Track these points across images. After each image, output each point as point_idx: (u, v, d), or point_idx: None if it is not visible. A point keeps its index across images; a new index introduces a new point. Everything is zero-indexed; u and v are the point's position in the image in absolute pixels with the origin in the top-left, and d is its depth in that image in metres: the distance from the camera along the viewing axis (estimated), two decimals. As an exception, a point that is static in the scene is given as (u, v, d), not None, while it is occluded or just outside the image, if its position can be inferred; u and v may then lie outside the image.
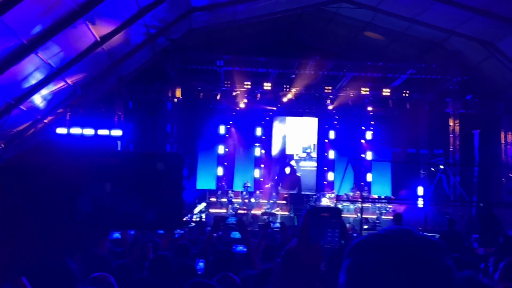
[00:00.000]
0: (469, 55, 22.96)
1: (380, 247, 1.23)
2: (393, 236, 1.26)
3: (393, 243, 1.23)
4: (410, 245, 1.22)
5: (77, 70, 19.35)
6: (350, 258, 1.25)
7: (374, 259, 1.21)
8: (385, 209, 24.61)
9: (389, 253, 1.21)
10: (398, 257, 1.20)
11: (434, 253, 1.23)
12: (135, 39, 20.56)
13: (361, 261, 1.22)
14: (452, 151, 24.27)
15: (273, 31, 25.90)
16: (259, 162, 27.70)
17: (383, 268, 1.19)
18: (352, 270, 1.23)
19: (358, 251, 1.25)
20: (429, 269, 1.19)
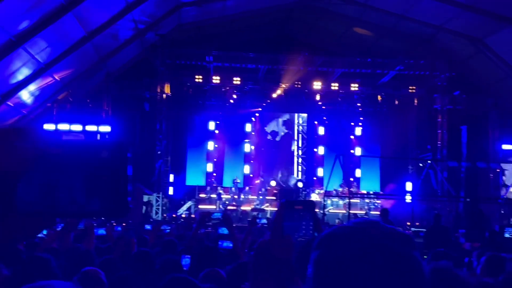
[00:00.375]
0: (457, 51, 23.06)
1: (347, 240, 1.23)
2: (360, 228, 1.25)
3: (359, 235, 1.23)
4: (376, 237, 1.22)
5: (65, 65, 19.25)
6: (318, 250, 1.25)
7: (340, 252, 1.21)
8: (374, 204, 24.73)
9: (356, 245, 1.20)
10: (364, 249, 1.19)
11: (401, 245, 1.22)
12: (123, 34, 20.46)
13: (328, 254, 1.22)
14: (440, 146, 24.40)
15: (263, 27, 25.87)
16: (249, 158, 27.70)
17: (349, 260, 1.18)
18: (319, 262, 1.23)
19: (325, 244, 1.25)
20: (396, 261, 1.19)
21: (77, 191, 0.78)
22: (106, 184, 0.79)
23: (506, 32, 19.15)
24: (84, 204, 0.79)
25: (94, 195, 0.79)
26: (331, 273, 1.19)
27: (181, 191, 25.77)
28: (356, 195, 24.64)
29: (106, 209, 0.80)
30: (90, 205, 0.79)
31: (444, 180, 22.30)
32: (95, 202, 0.79)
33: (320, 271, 1.22)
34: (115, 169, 0.80)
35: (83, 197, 0.78)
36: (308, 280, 1.25)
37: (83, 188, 0.78)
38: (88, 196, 0.78)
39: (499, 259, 6.06)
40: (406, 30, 22.50)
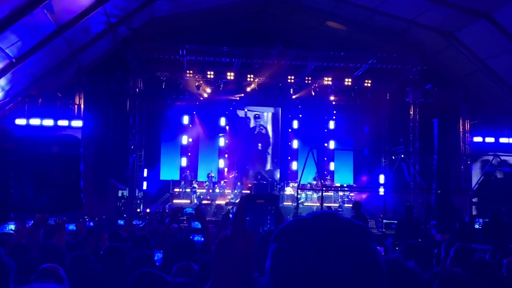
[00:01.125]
0: (429, 45, 23.29)
1: (304, 231, 1.24)
2: (317, 220, 1.26)
3: (316, 227, 1.24)
4: (333, 229, 1.23)
5: (36, 59, 18.98)
6: (275, 243, 1.26)
7: (297, 244, 1.22)
8: (347, 197, 24.93)
9: (312, 237, 1.21)
10: (320, 241, 1.20)
11: (357, 236, 1.24)
12: (95, 28, 20.23)
13: (285, 246, 1.23)
14: (412, 139, 24.67)
15: (236, 21, 25.82)
16: (223, 152, 27.68)
17: (305, 252, 1.20)
18: (276, 254, 1.24)
19: (282, 236, 1.26)
20: (352, 252, 1.20)
21: (28, 186, 0.79)
22: (58, 179, 0.80)
23: (476, 26, 19.40)
24: (34, 199, 0.79)
25: (45, 190, 0.79)
26: (288, 265, 1.20)
27: (155, 186, 25.66)
28: (329, 188, 24.80)
29: (58, 203, 0.81)
30: (41, 200, 0.79)
31: (416, 172, 22.57)
32: (46, 197, 0.79)
33: (277, 263, 1.23)
34: (67, 164, 0.81)
35: (34, 192, 0.79)
36: (266, 273, 1.26)
37: (34, 183, 0.79)
38: (39, 191, 0.79)
39: (467, 249, 6.16)
40: (378, 24, 22.64)
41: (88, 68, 23.65)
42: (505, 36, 18.61)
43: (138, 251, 5.80)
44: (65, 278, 4.08)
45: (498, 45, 19.51)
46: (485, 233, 12.46)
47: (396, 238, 12.00)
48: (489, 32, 19.05)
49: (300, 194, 23.38)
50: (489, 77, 21.80)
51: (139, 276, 3.01)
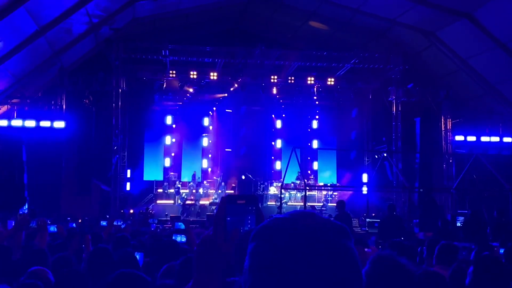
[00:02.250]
0: (410, 44, 23.46)
1: (281, 231, 1.24)
2: (294, 219, 1.27)
3: (294, 226, 1.25)
4: (311, 228, 1.24)
5: (17, 60, 18.83)
6: (253, 242, 1.27)
7: (275, 243, 1.22)
8: (331, 196, 25.02)
9: (290, 236, 1.22)
10: (298, 240, 1.21)
11: (335, 235, 1.25)
12: (77, 28, 20.11)
13: (263, 245, 1.24)
14: (395, 138, 24.83)
15: (219, 20, 25.81)
16: (207, 153, 27.65)
17: (283, 251, 1.20)
18: (254, 253, 1.25)
19: (260, 235, 1.27)
20: (329, 251, 1.21)
21: None
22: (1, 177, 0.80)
23: (457, 25, 19.58)
24: None
25: None
26: (266, 264, 1.21)
27: (138, 186, 25.55)
28: (313, 187, 24.89)
29: (3, 201, 0.81)
30: None
31: (399, 171, 22.73)
32: None
33: (255, 262, 1.24)
34: (9, 161, 0.81)
35: None
36: (245, 272, 1.28)
37: None
38: None
39: (451, 247, 6.23)
40: (361, 23, 22.76)
41: (71, 68, 23.50)
42: (486, 35, 18.80)
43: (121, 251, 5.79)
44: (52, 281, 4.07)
45: (479, 44, 19.71)
46: (465, 230, 12.59)
47: (379, 236, 12.09)
48: (470, 31, 19.24)
49: (284, 193, 23.44)
50: (470, 76, 22.01)
51: (118, 277, 3.01)
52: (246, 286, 1.25)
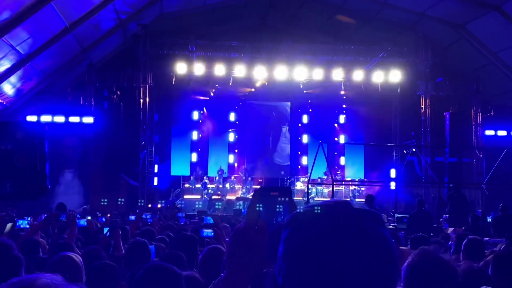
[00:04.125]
0: (439, 38, 23.15)
1: (316, 217, 1.23)
2: (328, 206, 1.26)
3: (328, 213, 1.24)
4: (346, 215, 1.23)
5: (47, 56, 19.08)
6: (287, 229, 1.26)
7: (309, 228, 1.21)
8: (358, 191, 24.85)
9: (325, 222, 1.21)
10: (333, 225, 1.20)
11: (371, 222, 1.24)
12: (105, 25, 20.29)
13: (297, 231, 1.23)
14: (424, 133, 24.54)
15: (245, 16, 25.77)
16: (233, 148, 27.69)
17: (318, 237, 1.19)
18: (289, 240, 1.23)
19: (294, 222, 1.26)
20: (366, 238, 1.19)
21: None
22: (23, 165, 0.79)
23: (487, 18, 19.26)
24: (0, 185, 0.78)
25: (9, 176, 0.78)
26: (300, 250, 1.20)
27: (166, 181, 25.73)
28: (340, 182, 24.75)
29: (22, 190, 0.79)
30: (7, 186, 0.78)
31: (428, 166, 22.46)
32: (13, 183, 0.78)
33: (289, 249, 1.22)
34: (31, 150, 0.80)
35: None
36: (278, 260, 1.26)
37: None
38: (4, 177, 0.78)
39: (478, 243, 6.15)
40: (389, 17, 22.53)
41: (99, 64, 23.74)
42: (517, 28, 18.47)
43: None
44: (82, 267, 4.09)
45: (510, 37, 19.36)
46: (495, 226, 12.38)
47: (408, 232, 11.95)
48: (500, 24, 18.92)
49: (311, 188, 23.35)
50: (500, 70, 21.65)
51: (149, 269, 3.00)
52: (280, 274, 1.23)
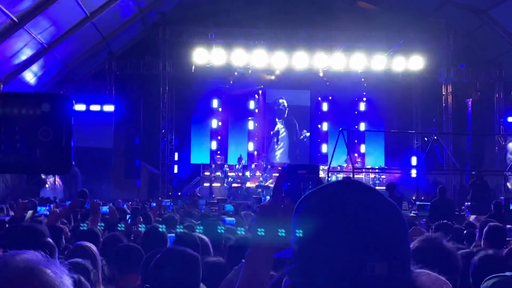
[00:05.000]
0: (461, 24, 22.85)
1: (325, 190, 1.26)
2: (341, 182, 1.28)
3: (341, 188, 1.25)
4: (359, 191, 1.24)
5: (67, 45, 19.22)
6: (302, 205, 1.27)
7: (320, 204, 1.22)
8: (379, 179, 24.71)
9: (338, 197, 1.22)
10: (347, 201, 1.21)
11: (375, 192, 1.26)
12: (125, 13, 20.36)
13: (310, 206, 1.24)
14: (445, 120, 24.31)
15: (264, 3, 25.63)
16: (253, 136, 27.66)
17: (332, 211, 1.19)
18: (302, 217, 1.24)
19: (308, 198, 1.27)
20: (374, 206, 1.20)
21: (17, 145, 0.76)
22: (48, 138, 0.77)
23: (510, 3, 18.94)
24: (24, 158, 0.77)
25: (35, 150, 0.76)
26: (313, 225, 1.20)
27: (186, 169, 25.85)
28: (360, 170, 24.62)
29: (48, 164, 0.78)
30: (31, 160, 0.77)
31: (450, 153, 22.25)
32: (36, 157, 0.77)
33: (302, 224, 1.23)
34: (57, 123, 0.78)
35: (23, 152, 0.76)
36: (293, 235, 1.26)
37: (24, 142, 0.76)
38: (28, 151, 0.76)
39: (500, 230, 6.09)
40: (410, 3, 22.29)
41: (119, 53, 23.87)
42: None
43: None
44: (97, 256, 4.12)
45: (534, 22, 19.05)
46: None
47: (430, 219, 11.87)
48: (524, 9, 18.61)
49: (331, 176, 23.23)
50: (524, 56, 21.34)
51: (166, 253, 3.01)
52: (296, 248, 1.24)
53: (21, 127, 0.77)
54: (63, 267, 1.25)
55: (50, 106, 0.79)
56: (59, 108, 0.79)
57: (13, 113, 0.78)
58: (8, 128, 0.77)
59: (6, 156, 0.77)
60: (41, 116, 0.78)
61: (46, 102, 0.79)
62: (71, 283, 1.24)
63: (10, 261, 1.18)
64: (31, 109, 0.78)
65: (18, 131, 0.77)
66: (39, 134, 0.78)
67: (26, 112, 0.78)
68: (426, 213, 13.20)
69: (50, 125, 0.78)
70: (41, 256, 1.22)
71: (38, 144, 0.77)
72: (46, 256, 1.22)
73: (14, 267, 1.17)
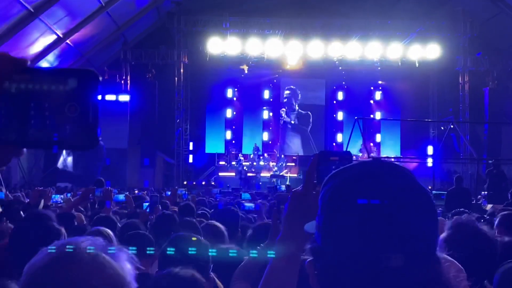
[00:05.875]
0: (478, 12, 22.61)
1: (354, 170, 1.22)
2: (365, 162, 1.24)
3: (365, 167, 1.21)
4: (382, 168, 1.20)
5: (83, 35, 19.28)
6: (328, 184, 1.23)
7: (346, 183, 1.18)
8: (395, 168, 24.56)
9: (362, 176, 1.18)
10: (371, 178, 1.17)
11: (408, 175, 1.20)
12: (139, 2, 20.38)
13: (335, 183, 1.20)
14: (462, 109, 24.11)
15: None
16: (267, 125, 27.64)
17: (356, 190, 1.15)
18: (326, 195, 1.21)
19: (334, 177, 1.23)
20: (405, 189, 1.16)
21: (45, 121, 0.76)
22: (75, 114, 0.77)
23: (529, -9, 18.71)
24: (52, 134, 0.77)
25: (63, 125, 0.76)
26: (335, 205, 1.17)
27: (201, 158, 25.92)
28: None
29: (75, 140, 0.78)
30: (58, 136, 0.77)
31: (467, 142, 22.09)
32: (64, 133, 0.77)
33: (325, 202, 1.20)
34: (84, 98, 0.78)
35: (51, 128, 0.76)
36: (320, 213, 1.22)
37: (51, 118, 0.76)
38: (56, 126, 0.76)
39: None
40: (426, -9, 22.07)
41: (134, 42, 23.93)
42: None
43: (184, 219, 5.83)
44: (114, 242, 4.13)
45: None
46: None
47: (446, 209, 11.79)
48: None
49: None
50: (542, 44, 21.06)
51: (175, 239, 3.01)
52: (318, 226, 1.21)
53: (49, 102, 0.77)
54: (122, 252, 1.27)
55: (77, 81, 0.78)
56: (86, 83, 0.79)
57: (42, 88, 0.78)
58: (38, 103, 0.77)
59: (36, 131, 0.77)
60: (68, 92, 0.78)
61: (74, 78, 0.78)
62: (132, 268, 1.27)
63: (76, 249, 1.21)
64: (59, 84, 0.78)
65: (47, 107, 0.77)
66: (66, 110, 0.77)
67: (55, 87, 0.78)
68: (442, 202, 13.10)
69: (77, 101, 0.78)
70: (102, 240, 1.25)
71: (66, 119, 0.77)
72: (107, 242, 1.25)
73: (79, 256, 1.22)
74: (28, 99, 0.76)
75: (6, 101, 0.76)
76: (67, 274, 1.18)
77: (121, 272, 1.24)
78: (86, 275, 1.19)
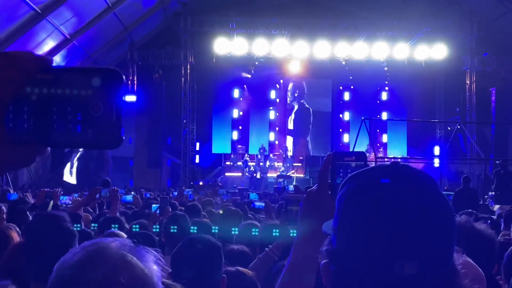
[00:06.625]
0: (485, 12, 22.54)
1: (371, 173, 1.20)
2: (385, 166, 1.22)
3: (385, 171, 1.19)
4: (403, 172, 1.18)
5: (90, 35, 19.33)
6: (345, 187, 1.22)
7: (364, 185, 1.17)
8: (401, 169, 24.51)
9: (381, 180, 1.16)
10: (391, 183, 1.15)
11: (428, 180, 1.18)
12: (146, 3, 20.41)
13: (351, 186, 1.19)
14: (469, 109, 24.04)
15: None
16: (274, 126, 27.63)
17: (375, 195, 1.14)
18: (343, 198, 1.20)
19: (352, 180, 1.22)
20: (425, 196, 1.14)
21: (69, 120, 0.77)
22: (99, 113, 0.78)
23: (536, -10, 18.64)
24: (76, 133, 0.78)
25: (86, 124, 0.77)
26: (350, 209, 1.16)
27: (207, 159, 25.94)
28: (382, 160, 24.44)
29: (99, 139, 0.79)
30: (82, 135, 0.78)
31: (474, 142, 22.01)
32: (88, 132, 0.77)
33: (342, 206, 1.19)
34: (108, 97, 0.78)
35: (75, 127, 0.77)
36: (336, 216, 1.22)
37: (75, 117, 0.77)
38: (80, 125, 0.77)
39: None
40: (433, -10, 22.01)
41: (140, 43, 23.96)
42: None
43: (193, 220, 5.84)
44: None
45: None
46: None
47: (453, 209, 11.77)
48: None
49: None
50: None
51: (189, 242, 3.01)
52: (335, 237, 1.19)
53: (73, 102, 0.78)
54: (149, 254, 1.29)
55: (101, 80, 0.79)
56: (109, 83, 0.80)
57: (66, 88, 0.78)
58: (62, 103, 0.78)
59: (60, 131, 0.78)
60: (92, 91, 0.79)
61: (98, 77, 0.79)
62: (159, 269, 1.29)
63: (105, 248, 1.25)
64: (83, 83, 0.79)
65: (71, 106, 0.78)
66: (90, 109, 0.78)
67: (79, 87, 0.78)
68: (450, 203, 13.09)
69: (101, 100, 0.79)
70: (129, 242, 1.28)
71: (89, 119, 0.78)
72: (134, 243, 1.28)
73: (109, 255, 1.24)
74: (52, 98, 0.76)
75: (30, 100, 0.77)
76: (97, 271, 1.21)
77: (148, 272, 1.26)
78: (115, 273, 1.21)
